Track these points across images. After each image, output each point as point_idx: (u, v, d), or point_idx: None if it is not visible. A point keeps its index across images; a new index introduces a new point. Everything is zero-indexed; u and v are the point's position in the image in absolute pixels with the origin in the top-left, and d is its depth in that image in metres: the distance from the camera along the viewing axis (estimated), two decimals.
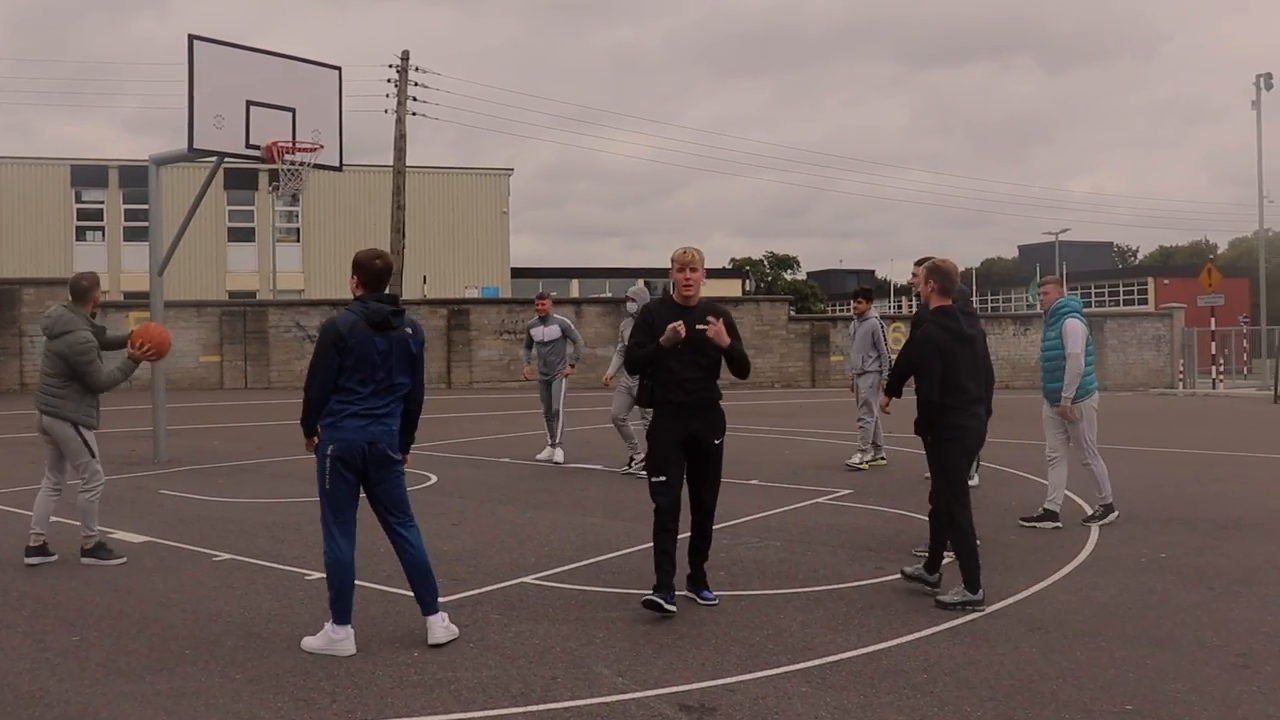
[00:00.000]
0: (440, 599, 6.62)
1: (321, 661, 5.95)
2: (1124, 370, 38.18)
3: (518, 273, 56.70)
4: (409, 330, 6.33)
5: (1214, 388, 35.24)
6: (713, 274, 77.23)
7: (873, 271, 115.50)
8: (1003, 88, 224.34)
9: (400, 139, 34.64)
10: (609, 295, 45.89)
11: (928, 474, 12.00)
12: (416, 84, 35.78)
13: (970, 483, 8.32)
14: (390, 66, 35.62)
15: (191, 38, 12.59)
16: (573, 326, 14.57)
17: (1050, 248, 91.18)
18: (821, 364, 35.48)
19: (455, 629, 6.43)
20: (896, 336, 36.57)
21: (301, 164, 13.61)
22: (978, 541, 7.46)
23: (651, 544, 7.06)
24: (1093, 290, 76.95)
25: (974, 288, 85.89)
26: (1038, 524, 9.98)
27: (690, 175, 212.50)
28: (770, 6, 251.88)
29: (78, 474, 8.46)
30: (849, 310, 22.22)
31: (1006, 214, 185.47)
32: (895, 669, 5.93)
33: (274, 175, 44.50)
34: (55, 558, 8.33)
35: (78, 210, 46.42)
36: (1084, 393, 10.06)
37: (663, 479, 6.97)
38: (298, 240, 47.90)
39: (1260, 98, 39.77)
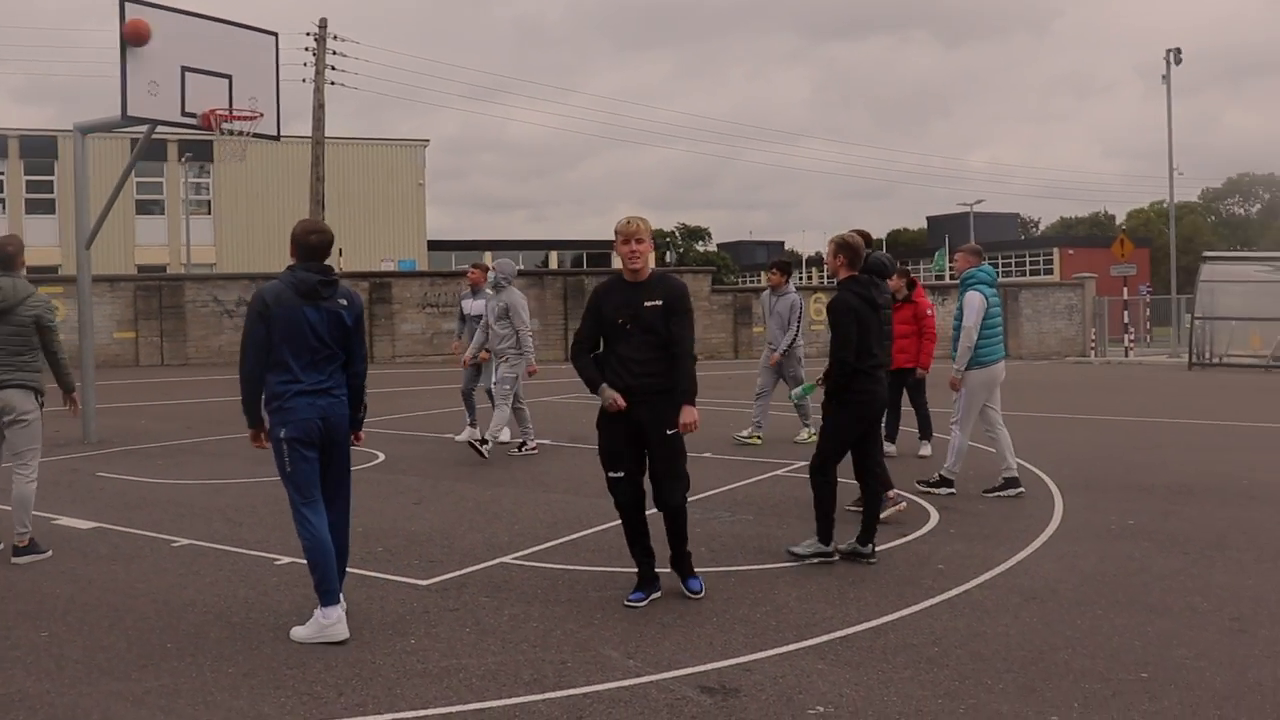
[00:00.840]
0: (422, 581, 6.65)
1: (316, 651, 5.69)
2: (1038, 339, 38.83)
3: (434, 245, 56.01)
4: (343, 301, 6.11)
5: (1126, 355, 35.96)
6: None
7: (782, 243, 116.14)
8: (902, 61, 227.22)
9: (319, 109, 33.89)
10: (523, 268, 45.44)
11: (922, 453, 12.10)
12: (335, 53, 35.02)
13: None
14: (309, 35, 34.82)
15: (123, 1, 12.06)
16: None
17: (958, 219, 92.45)
18: (744, 335, 35.53)
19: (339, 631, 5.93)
20: (818, 308, 36.75)
21: (241, 133, 13.15)
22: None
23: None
24: (999, 260, 78.02)
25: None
26: (1001, 493, 10.00)
27: (595, 146, 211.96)
28: None
29: (22, 460, 7.82)
30: (763, 282, 21.65)
31: (909, 185, 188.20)
32: (905, 643, 5.86)
33: (184, 146, 43.49)
34: (49, 553, 7.81)
35: None
36: (977, 363, 9.94)
37: (618, 475, 6.53)
38: (209, 212, 46.73)
39: (1170, 72, 40.37)
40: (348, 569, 6.40)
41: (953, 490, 10.07)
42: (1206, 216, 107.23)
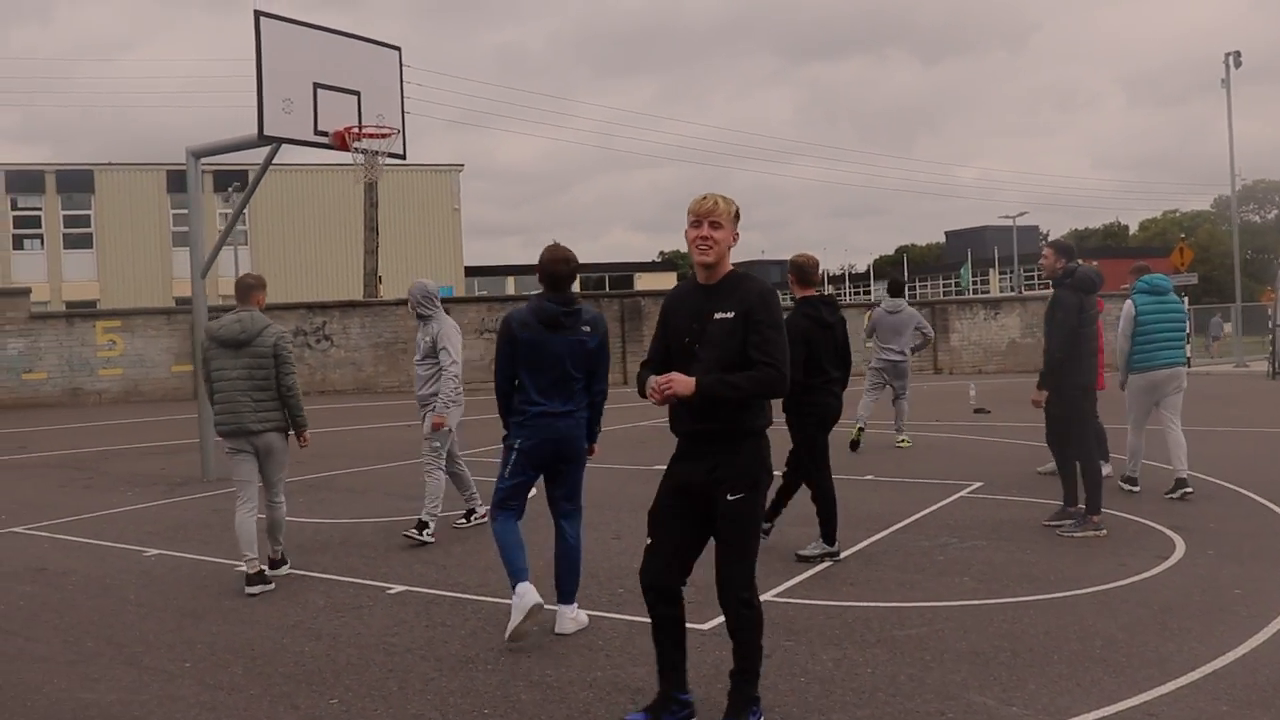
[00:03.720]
0: (701, 626, 6.32)
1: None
2: (1107, 351, 38.14)
3: (471, 270, 55.50)
4: (586, 328, 6.33)
5: (1188, 366, 35.29)
6: (645, 268, 76.86)
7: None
8: (883, 79, 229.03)
9: None
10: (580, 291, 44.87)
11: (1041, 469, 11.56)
12: None
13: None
14: None
15: (258, 14, 11.51)
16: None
17: (978, 232, 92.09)
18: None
19: (584, 618, 6.53)
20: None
21: (375, 151, 12.61)
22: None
23: None
24: (1023, 273, 77.50)
25: (905, 273, 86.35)
26: (1173, 494, 10.19)
27: (584, 171, 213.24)
28: (647, 7, 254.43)
29: (273, 490, 8.02)
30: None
31: (899, 201, 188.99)
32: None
33: (223, 177, 42.97)
34: (273, 586, 7.67)
35: (14, 218, 44.18)
36: (1135, 369, 10.34)
37: (648, 542, 4.87)
38: (245, 243, 46.17)
39: (1230, 75, 39.83)
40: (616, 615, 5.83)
41: (1135, 488, 10.51)
42: (1220, 224, 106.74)
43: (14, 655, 6.27)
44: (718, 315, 4.65)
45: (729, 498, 4.61)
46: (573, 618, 6.47)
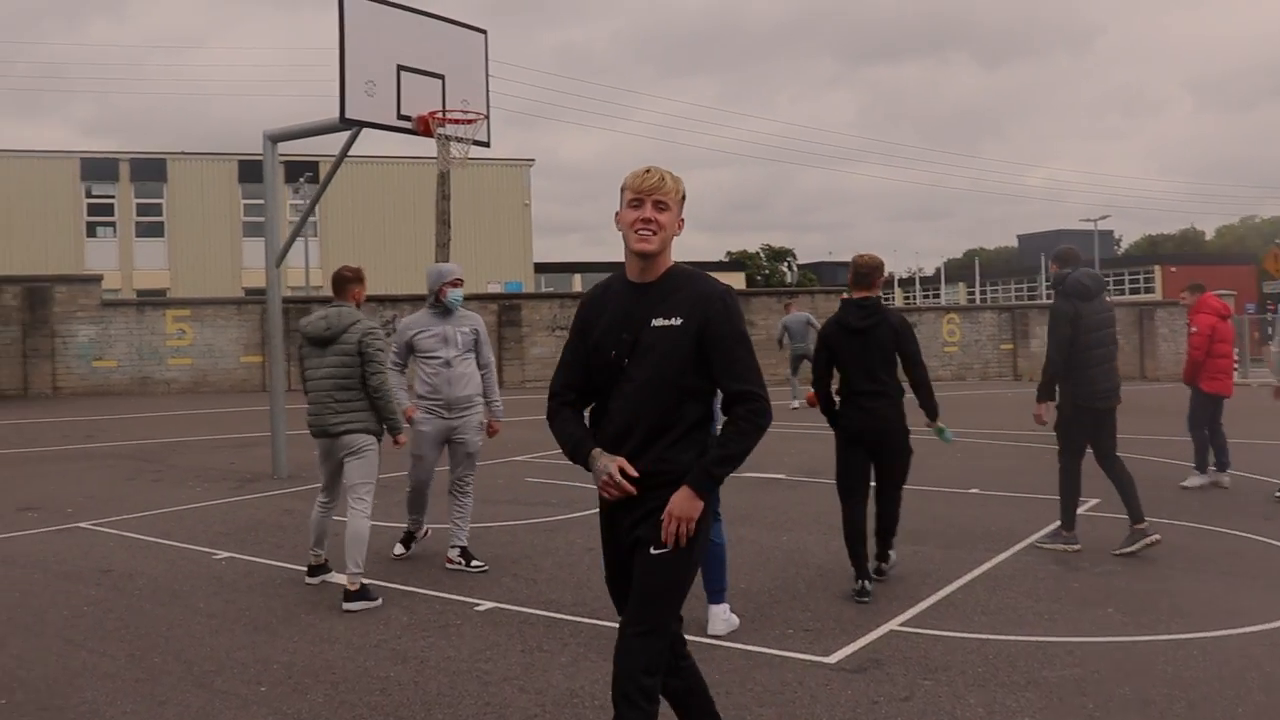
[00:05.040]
0: (825, 658, 5.79)
1: None
2: (1176, 361, 37.02)
3: (540, 267, 55.07)
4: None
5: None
6: (713, 267, 76.03)
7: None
8: (944, 81, 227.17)
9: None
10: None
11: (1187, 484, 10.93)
12: None
13: None
14: None
15: None
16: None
17: (1051, 236, 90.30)
18: None
19: (735, 619, 6.39)
20: (949, 329, 35.32)
21: (459, 138, 12.07)
22: None
23: None
24: (1110, 279, 75.84)
25: (977, 277, 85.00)
26: None
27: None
28: (708, 7, 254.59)
29: (357, 494, 7.19)
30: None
31: (963, 205, 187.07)
32: None
33: (294, 168, 42.86)
34: (379, 601, 7.08)
35: (88, 205, 44.32)
36: None
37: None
38: (315, 234, 46.00)
39: None
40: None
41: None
42: None
43: (80, 670, 5.77)
44: (657, 321, 3.68)
45: (652, 551, 3.68)
46: (725, 619, 6.33)
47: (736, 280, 72.00)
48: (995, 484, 11.75)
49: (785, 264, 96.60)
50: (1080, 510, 8.82)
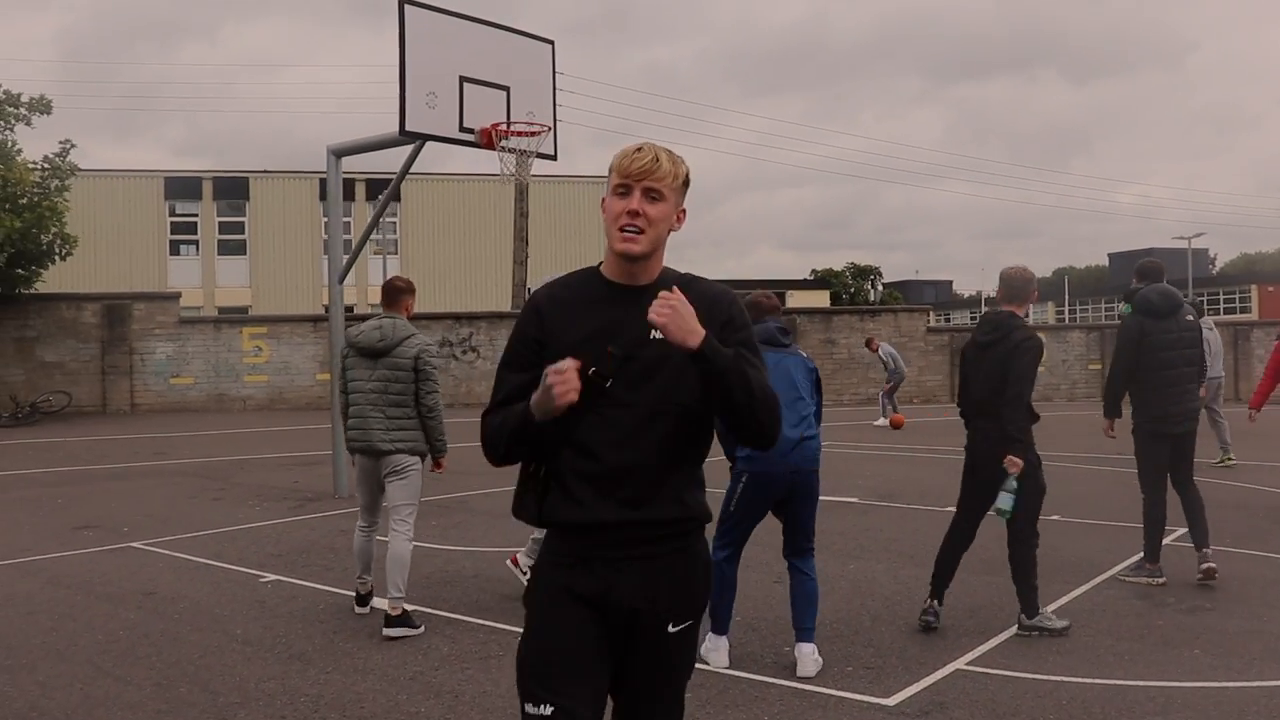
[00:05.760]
0: (885, 700, 5.39)
1: None
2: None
3: None
4: (803, 353, 6.20)
5: None
6: (798, 285, 75.41)
7: (950, 282, 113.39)
8: (1032, 99, 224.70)
9: None
10: None
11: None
12: None
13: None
14: None
15: (403, 2, 10.83)
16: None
17: (1142, 255, 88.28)
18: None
19: (820, 660, 6.00)
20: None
21: (524, 151, 11.83)
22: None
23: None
24: (1204, 298, 74.06)
25: (1066, 296, 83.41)
26: None
27: (731, 189, 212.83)
28: (793, 26, 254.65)
29: (400, 515, 6.94)
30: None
31: (1051, 223, 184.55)
32: None
33: (372, 185, 43.09)
34: (422, 629, 6.87)
35: (171, 224, 44.90)
36: None
37: (545, 712, 2.84)
38: (395, 251, 46.22)
39: None
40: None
41: None
42: None
43: (102, 699, 5.55)
44: (656, 332, 2.83)
45: (671, 629, 2.95)
46: (815, 659, 5.97)
47: (821, 299, 71.22)
48: (1079, 510, 11.18)
49: (869, 282, 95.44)
50: (1167, 540, 8.30)
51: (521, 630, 3.00)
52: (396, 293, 7.18)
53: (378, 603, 7.25)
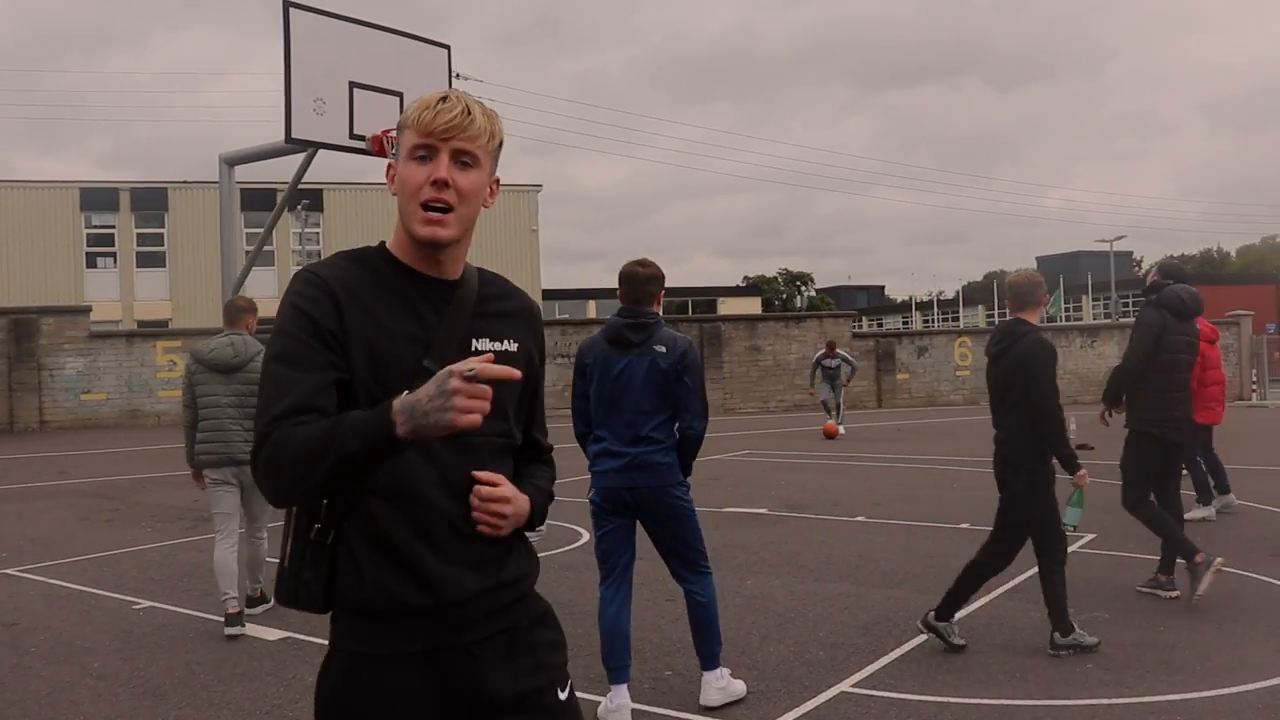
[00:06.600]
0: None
1: None
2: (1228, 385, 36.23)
3: (548, 294, 54.56)
4: (660, 349, 5.29)
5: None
6: (728, 292, 75.47)
7: (883, 288, 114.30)
8: (959, 106, 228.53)
9: None
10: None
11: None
12: None
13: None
14: None
15: (288, 4, 10.45)
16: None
17: (1070, 258, 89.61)
18: (888, 383, 33.46)
19: (740, 688, 5.55)
20: (961, 351, 34.66)
21: None
22: None
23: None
24: (1129, 300, 75.02)
25: (995, 301, 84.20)
26: None
27: (664, 198, 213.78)
28: (723, 35, 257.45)
29: (256, 526, 7.60)
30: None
31: (981, 228, 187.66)
32: None
33: (299, 195, 42.38)
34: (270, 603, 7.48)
35: (88, 235, 43.84)
36: None
37: None
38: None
39: None
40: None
41: None
42: None
43: None
44: (483, 344, 2.31)
45: (560, 695, 2.38)
46: (719, 687, 5.49)
47: (753, 305, 71.35)
48: (990, 519, 11.04)
49: (798, 288, 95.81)
50: (1073, 548, 8.15)
51: None
52: (239, 311, 7.59)
53: (251, 629, 7.00)
